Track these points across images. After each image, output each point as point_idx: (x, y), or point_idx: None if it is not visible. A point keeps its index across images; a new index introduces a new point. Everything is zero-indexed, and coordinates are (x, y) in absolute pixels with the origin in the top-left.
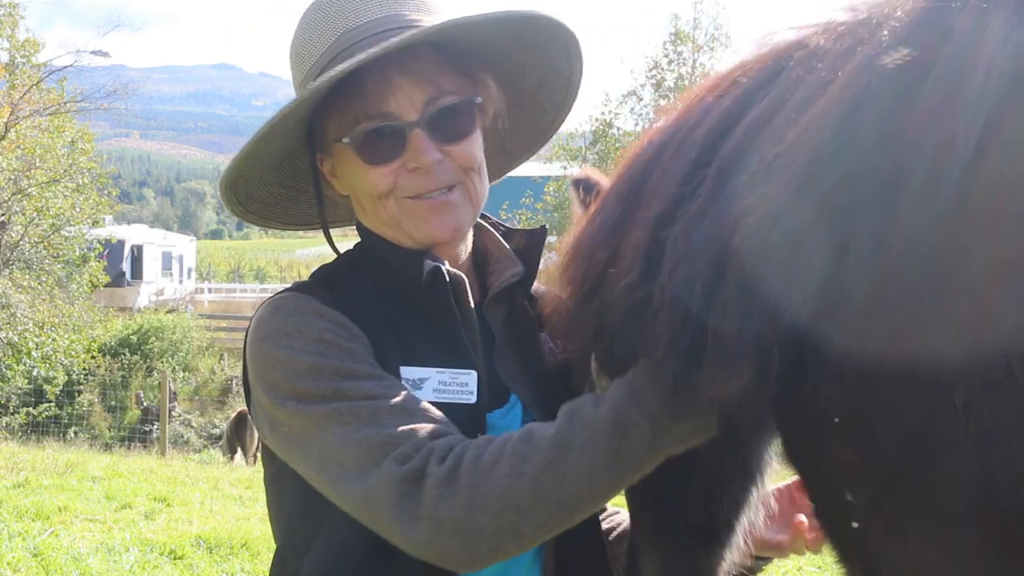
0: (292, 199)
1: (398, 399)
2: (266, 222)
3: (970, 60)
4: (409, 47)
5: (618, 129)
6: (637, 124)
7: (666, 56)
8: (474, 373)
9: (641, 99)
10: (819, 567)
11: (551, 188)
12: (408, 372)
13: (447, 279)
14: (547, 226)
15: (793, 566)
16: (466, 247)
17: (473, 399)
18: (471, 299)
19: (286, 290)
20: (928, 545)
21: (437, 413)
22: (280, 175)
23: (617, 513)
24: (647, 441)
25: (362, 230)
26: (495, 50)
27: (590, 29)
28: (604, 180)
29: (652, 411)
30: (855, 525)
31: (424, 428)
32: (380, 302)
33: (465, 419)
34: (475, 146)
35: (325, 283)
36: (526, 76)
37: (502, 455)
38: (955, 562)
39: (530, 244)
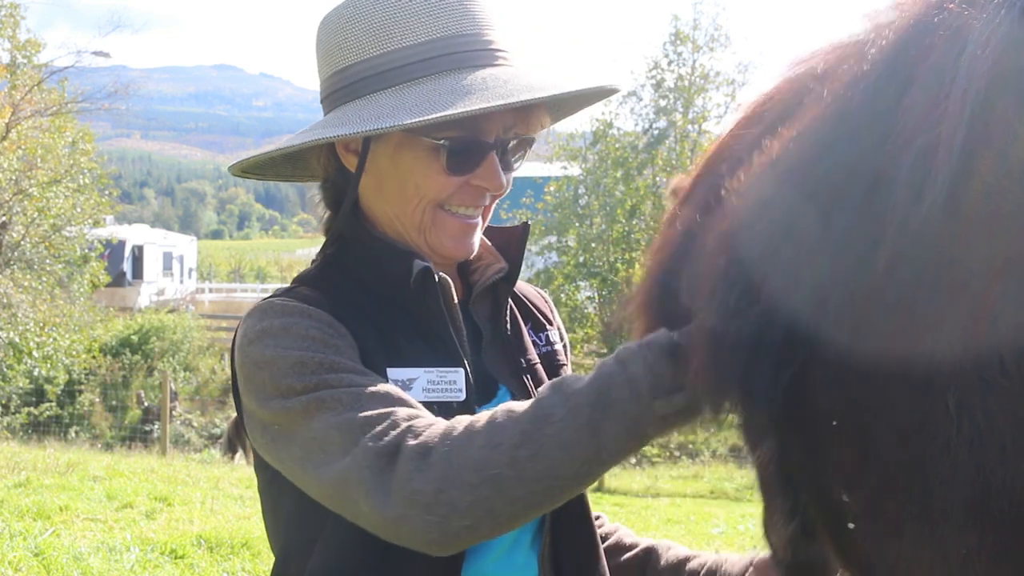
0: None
1: (381, 386)
2: (255, 175)
3: (952, 62)
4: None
5: (618, 129)
6: (637, 124)
7: (666, 56)
8: (461, 371)
9: (641, 99)
10: None
11: (551, 188)
12: (396, 373)
13: (436, 280)
14: (529, 222)
15: None
16: None
17: (462, 396)
18: (455, 299)
19: (271, 295)
20: (924, 546)
21: (417, 402)
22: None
23: (603, 520)
24: (628, 418)
25: (352, 222)
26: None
27: (589, 29)
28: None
29: (635, 378)
30: (851, 526)
31: (405, 410)
32: (365, 303)
33: (455, 415)
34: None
35: (310, 286)
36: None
37: (476, 427)
38: (952, 564)
39: (512, 240)
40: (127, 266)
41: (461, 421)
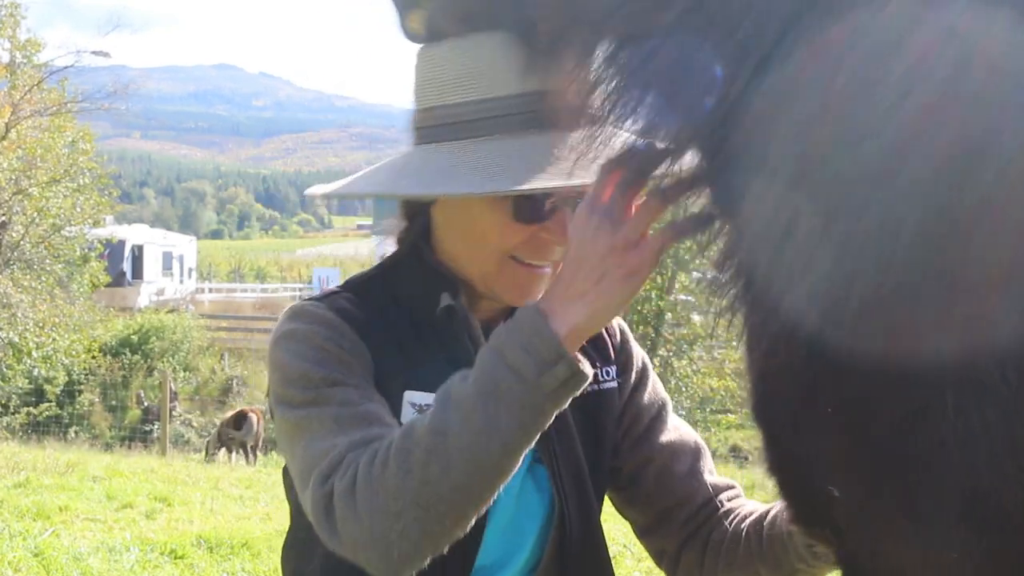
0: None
1: (367, 406)
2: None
3: (972, 59)
4: None
5: None
6: None
7: None
8: None
9: None
10: None
11: None
12: (415, 397)
13: (460, 317)
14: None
15: None
16: None
17: None
18: (480, 334)
19: (311, 298)
20: (914, 544)
21: (391, 419)
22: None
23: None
24: (520, 405)
25: (419, 243)
26: None
27: None
28: None
29: (516, 364)
30: (838, 519)
31: (352, 437)
32: (399, 320)
33: None
34: None
35: (352, 293)
36: None
37: (388, 456)
38: (938, 564)
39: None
40: (127, 266)
41: (373, 449)
